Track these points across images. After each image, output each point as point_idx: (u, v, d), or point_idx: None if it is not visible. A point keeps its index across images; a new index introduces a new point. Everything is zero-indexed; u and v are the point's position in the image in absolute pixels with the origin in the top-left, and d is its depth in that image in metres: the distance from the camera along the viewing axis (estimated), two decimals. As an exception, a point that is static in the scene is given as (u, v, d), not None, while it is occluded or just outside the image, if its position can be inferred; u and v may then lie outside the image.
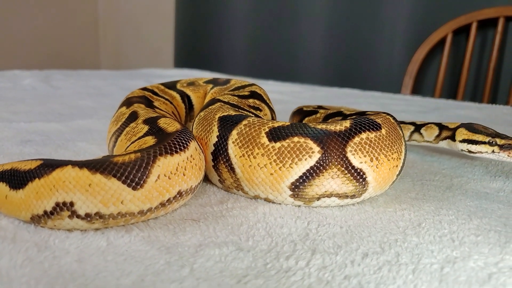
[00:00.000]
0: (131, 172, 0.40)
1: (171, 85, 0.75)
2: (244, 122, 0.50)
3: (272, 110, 0.70)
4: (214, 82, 0.78)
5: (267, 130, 0.48)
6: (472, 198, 0.54)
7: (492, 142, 0.60)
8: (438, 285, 0.35)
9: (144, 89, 0.71)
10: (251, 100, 0.65)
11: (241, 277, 0.34)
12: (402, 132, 0.53)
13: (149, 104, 0.63)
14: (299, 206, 0.49)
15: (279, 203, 0.49)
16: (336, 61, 1.99)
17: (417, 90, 1.85)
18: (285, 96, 1.30)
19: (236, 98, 0.63)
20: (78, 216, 0.39)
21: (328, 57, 2.01)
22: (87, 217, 0.39)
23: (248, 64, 2.25)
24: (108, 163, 0.40)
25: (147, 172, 0.41)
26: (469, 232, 0.44)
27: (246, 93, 0.67)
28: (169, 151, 0.43)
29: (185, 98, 0.74)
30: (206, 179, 0.55)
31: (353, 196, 0.48)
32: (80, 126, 0.80)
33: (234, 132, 0.49)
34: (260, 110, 0.65)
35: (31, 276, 0.33)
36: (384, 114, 0.53)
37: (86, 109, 0.95)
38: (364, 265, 0.37)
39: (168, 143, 0.44)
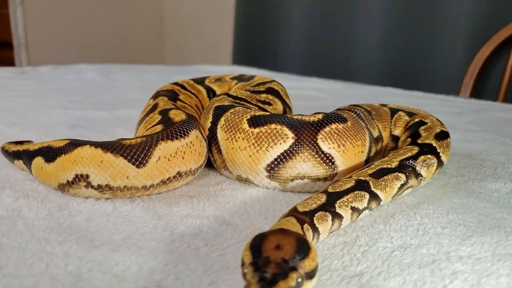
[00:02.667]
0: (136, 153, 0.48)
1: (200, 80, 0.83)
2: (231, 110, 0.57)
3: (287, 106, 0.76)
4: (239, 78, 0.85)
5: (248, 117, 0.55)
6: (462, 196, 0.56)
7: None
8: (380, 264, 0.39)
9: (175, 83, 0.80)
10: (263, 95, 0.71)
11: (209, 242, 0.41)
12: (365, 124, 0.59)
13: (174, 97, 0.72)
14: (283, 191, 0.55)
15: (257, 184, 0.56)
16: (393, 59, 1.95)
17: (478, 91, 1.77)
18: (321, 93, 1.35)
19: (248, 93, 0.70)
20: (92, 187, 0.48)
21: (385, 56, 1.98)
22: (99, 188, 0.48)
23: (303, 62, 2.28)
24: (118, 145, 0.49)
25: (149, 154, 0.49)
26: (438, 225, 0.48)
27: (262, 89, 0.74)
28: (170, 137, 0.51)
29: (211, 92, 0.82)
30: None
31: (325, 179, 0.54)
32: (122, 114, 0.91)
33: (222, 119, 0.57)
34: (271, 105, 0.71)
35: (48, 226, 0.42)
36: (347, 111, 0.59)
37: (132, 100, 1.07)
38: (323, 243, 0.43)
39: (170, 130, 0.52)
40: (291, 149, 0.53)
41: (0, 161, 0.59)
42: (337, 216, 0.43)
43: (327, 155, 0.53)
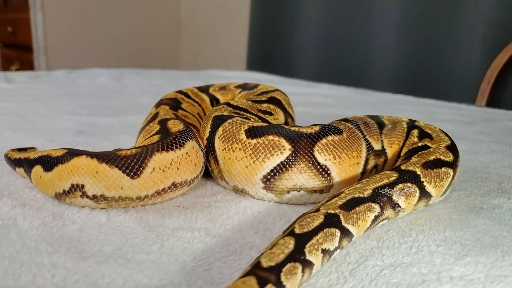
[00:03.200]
0: (130, 164, 0.49)
1: (204, 89, 0.84)
2: (229, 120, 0.57)
3: (289, 115, 0.76)
4: (243, 87, 0.85)
5: (246, 128, 0.55)
6: (461, 212, 0.55)
7: None
8: (367, 284, 0.39)
9: (179, 91, 0.80)
10: (265, 105, 0.71)
11: (197, 256, 0.42)
12: (363, 134, 0.59)
13: (176, 105, 0.73)
14: (279, 202, 0.55)
15: (253, 195, 0.56)
16: (408, 66, 1.93)
17: (495, 99, 1.73)
18: (330, 100, 1.34)
19: (250, 102, 0.70)
20: (87, 197, 0.49)
21: (400, 62, 1.96)
22: (94, 197, 0.49)
23: (317, 68, 2.28)
24: (113, 155, 0.49)
25: (143, 165, 0.49)
26: (433, 242, 0.47)
27: (264, 98, 0.74)
28: (165, 148, 0.52)
29: (214, 101, 0.82)
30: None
31: (321, 191, 0.54)
32: (130, 121, 0.92)
33: (220, 129, 0.57)
34: (272, 115, 0.71)
35: (40, 236, 0.43)
36: (344, 123, 0.59)
37: (142, 106, 1.08)
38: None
39: (166, 141, 0.52)
40: (288, 160, 0.53)
41: (4, 168, 0.61)
42: (307, 264, 0.37)
43: (323, 166, 0.53)
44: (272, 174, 0.53)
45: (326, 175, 0.53)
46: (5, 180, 0.57)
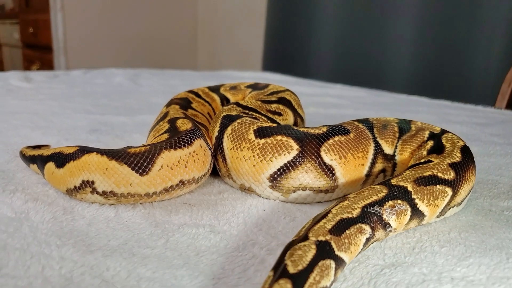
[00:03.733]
0: (139, 161, 0.50)
1: (215, 88, 0.85)
2: (239, 120, 0.58)
3: (298, 116, 0.76)
4: (254, 86, 0.86)
5: (255, 128, 0.56)
6: (469, 214, 0.55)
7: None
8: (366, 282, 0.39)
9: (190, 91, 0.82)
10: (274, 105, 0.72)
11: (200, 252, 0.43)
12: (373, 136, 0.58)
13: (186, 105, 0.74)
14: (285, 201, 0.55)
15: (260, 194, 0.56)
16: (426, 66, 1.90)
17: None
18: (344, 101, 1.34)
19: (259, 102, 0.71)
20: (97, 193, 0.51)
21: (417, 62, 1.94)
22: (104, 194, 0.51)
23: (333, 69, 2.27)
24: (123, 153, 0.51)
25: (152, 162, 0.51)
26: (437, 243, 0.47)
27: (274, 99, 0.74)
28: (173, 146, 0.53)
29: (224, 101, 0.83)
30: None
31: (326, 191, 0.54)
32: (142, 120, 0.94)
33: (229, 128, 0.58)
34: (281, 115, 0.71)
35: (50, 229, 0.45)
36: (356, 123, 0.59)
37: (155, 106, 1.10)
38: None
39: (174, 139, 0.54)
40: (295, 160, 0.53)
41: (19, 165, 0.63)
42: None
43: (329, 166, 0.53)
44: (278, 173, 0.54)
45: (331, 175, 0.54)
46: (20, 176, 0.59)
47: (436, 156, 0.52)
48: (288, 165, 0.54)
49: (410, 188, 0.46)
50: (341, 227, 0.39)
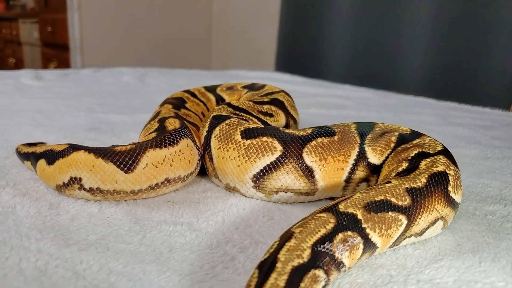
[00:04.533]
0: (125, 159, 0.52)
1: (212, 88, 0.86)
2: (227, 121, 0.59)
3: (291, 117, 0.77)
4: (250, 87, 0.87)
5: (242, 129, 0.57)
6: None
7: None
8: (330, 283, 0.40)
9: (187, 91, 0.83)
10: (266, 106, 0.73)
11: (174, 248, 0.44)
12: (362, 141, 0.56)
13: (180, 104, 0.75)
14: (268, 201, 0.56)
15: (244, 194, 0.57)
16: (440, 68, 1.87)
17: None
18: (348, 102, 1.33)
19: (251, 103, 0.72)
20: (85, 189, 0.52)
21: (431, 63, 1.90)
22: (91, 190, 0.52)
23: (346, 69, 2.25)
24: (109, 151, 0.52)
25: (137, 160, 0.52)
26: (411, 246, 0.47)
27: (266, 100, 0.75)
28: (158, 145, 0.54)
29: (220, 101, 0.84)
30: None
31: (307, 194, 0.55)
32: (142, 119, 0.96)
33: (217, 129, 0.59)
34: (272, 116, 0.72)
35: (33, 224, 0.47)
36: (346, 125, 0.58)
37: (156, 105, 1.12)
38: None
39: (160, 138, 0.55)
40: (277, 161, 0.54)
41: (16, 161, 0.65)
42: None
43: (309, 168, 0.54)
44: (261, 173, 0.55)
45: (310, 178, 0.54)
46: (14, 172, 0.61)
47: (398, 178, 0.46)
48: (271, 165, 0.54)
49: (359, 216, 0.40)
50: (295, 280, 0.33)
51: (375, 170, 0.56)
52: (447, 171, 0.48)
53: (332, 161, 0.54)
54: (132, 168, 0.52)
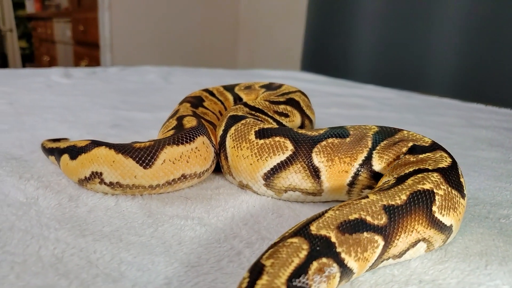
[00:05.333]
0: (143, 155, 0.54)
1: (230, 87, 0.88)
2: (243, 121, 0.61)
3: (306, 117, 0.78)
4: (267, 87, 0.88)
5: (256, 129, 0.58)
6: (463, 220, 0.55)
7: None
8: (335, 278, 0.41)
9: (205, 90, 0.85)
10: (282, 106, 0.74)
11: (183, 241, 0.46)
12: (374, 147, 0.54)
13: (198, 103, 0.78)
14: (278, 199, 0.58)
15: (256, 191, 0.58)
16: (471, 69, 1.82)
17: None
18: (369, 102, 1.33)
19: (267, 103, 0.73)
20: (105, 183, 0.55)
21: (462, 65, 1.85)
22: (111, 184, 0.55)
23: (372, 69, 2.23)
24: (129, 147, 0.55)
25: (155, 156, 0.54)
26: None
27: (282, 100, 0.76)
28: (176, 142, 0.56)
29: (237, 100, 0.86)
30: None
31: (314, 194, 0.55)
32: (163, 117, 0.98)
33: (233, 128, 0.60)
34: (288, 116, 0.73)
35: (53, 214, 0.49)
36: (363, 128, 0.57)
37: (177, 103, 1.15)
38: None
39: (177, 136, 0.57)
40: (287, 160, 0.55)
41: (41, 156, 0.69)
42: None
43: (316, 168, 0.55)
44: (271, 172, 0.56)
45: (317, 178, 0.55)
46: (39, 165, 0.65)
47: (377, 192, 0.43)
48: (281, 164, 0.56)
49: (333, 238, 0.37)
50: None
51: (376, 178, 0.54)
52: (435, 190, 0.44)
53: (338, 162, 0.55)
54: (151, 164, 0.54)
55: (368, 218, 0.39)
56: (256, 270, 0.32)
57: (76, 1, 3.58)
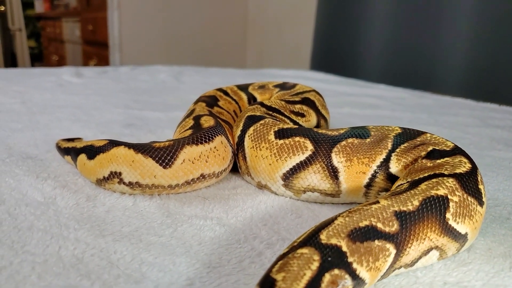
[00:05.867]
0: (163, 155, 0.54)
1: (244, 87, 0.88)
2: (261, 121, 0.60)
3: (322, 116, 0.77)
4: (281, 86, 0.88)
5: (276, 129, 0.58)
6: (484, 221, 0.54)
7: None
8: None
9: (219, 89, 0.85)
10: (298, 106, 0.73)
11: (203, 242, 0.45)
12: (394, 149, 0.53)
13: (213, 103, 0.77)
14: (297, 200, 0.57)
15: (275, 192, 0.58)
16: (480, 68, 1.80)
17: None
18: (382, 102, 1.32)
19: (283, 103, 0.72)
20: (124, 183, 0.55)
21: (473, 63, 1.84)
22: (130, 184, 0.55)
23: (382, 69, 2.21)
24: (148, 147, 0.54)
25: (175, 156, 0.54)
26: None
27: (298, 99, 0.76)
28: (195, 142, 0.56)
29: (252, 99, 0.86)
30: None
31: (332, 195, 0.55)
32: (176, 116, 0.98)
33: (251, 128, 0.60)
34: (304, 116, 0.73)
35: (71, 214, 0.49)
36: (390, 130, 0.55)
37: (190, 103, 1.14)
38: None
39: (196, 135, 0.57)
40: (307, 160, 0.55)
41: (56, 155, 0.69)
42: None
43: (335, 168, 0.54)
44: (290, 172, 0.56)
45: (335, 178, 0.54)
46: (55, 165, 0.65)
47: (389, 197, 0.41)
48: (300, 164, 0.55)
49: (344, 248, 0.35)
50: None
51: (393, 180, 0.53)
52: (449, 196, 0.42)
53: (356, 163, 0.54)
54: (170, 163, 0.54)
55: (379, 225, 0.37)
56: (267, 285, 0.30)
57: (85, 0, 3.60)
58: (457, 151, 0.51)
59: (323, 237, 0.35)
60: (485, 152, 0.86)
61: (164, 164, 0.54)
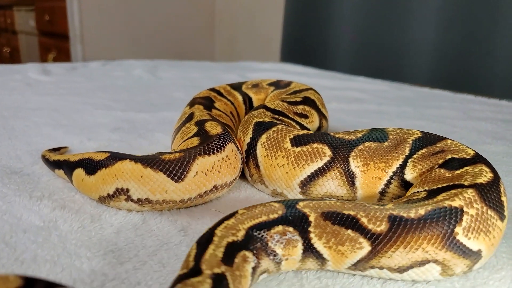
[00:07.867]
0: (175, 168, 0.50)
1: (237, 86, 0.84)
2: (274, 128, 0.57)
3: (323, 116, 0.75)
4: (276, 84, 0.84)
5: (291, 136, 0.55)
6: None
7: None
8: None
9: (212, 89, 0.81)
10: (300, 107, 0.71)
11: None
12: (411, 155, 0.51)
13: (210, 104, 0.73)
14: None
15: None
16: (449, 58, 1.84)
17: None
18: (366, 95, 1.31)
19: (285, 104, 0.69)
20: (132, 200, 0.50)
21: (441, 53, 1.87)
22: (139, 201, 0.50)
23: (352, 60, 2.22)
24: (157, 160, 0.50)
25: (187, 169, 0.50)
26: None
27: (298, 99, 0.73)
28: (207, 152, 0.52)
29: (247, 99, 0.82)
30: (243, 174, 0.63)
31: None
32: (165, 117, 0.93)
33: (264, 136, 0.57)
34: (307, 117, 0.70)
35: (79, 240, 0.44)
36: (410, 134, 0.54)
37: (176, 101, 1.09)
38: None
39: (207, 145, 0.53)
40: (325, 166, 0.53)
41: (44, 167, 0.63)
42: None
43: (352, 174, 0.53)
44: (308, 179, 0.54)
45: (352, 184, 0.53)
46: (45, 180, 0.59)
47: (396, 202, 0.41)
48: (318, 171, 0.53)
49: (311, 218, 0.38)
50: (230, 254, 0.34)
51: (406, 187, 0.51)
52: (465, 209, 0.39)
53: (372, 167, 0.52)
54: (183, 177, 0.50)
55: (364, 220, 0.38)
56: (229, 215, 0.38)
57: (39, -11, 3.39)
58: (477, 159, 0.48)
59: (301, 204, 0.40)
60: (477, 147, 0.86)
61: (176, 178, 0.50)
